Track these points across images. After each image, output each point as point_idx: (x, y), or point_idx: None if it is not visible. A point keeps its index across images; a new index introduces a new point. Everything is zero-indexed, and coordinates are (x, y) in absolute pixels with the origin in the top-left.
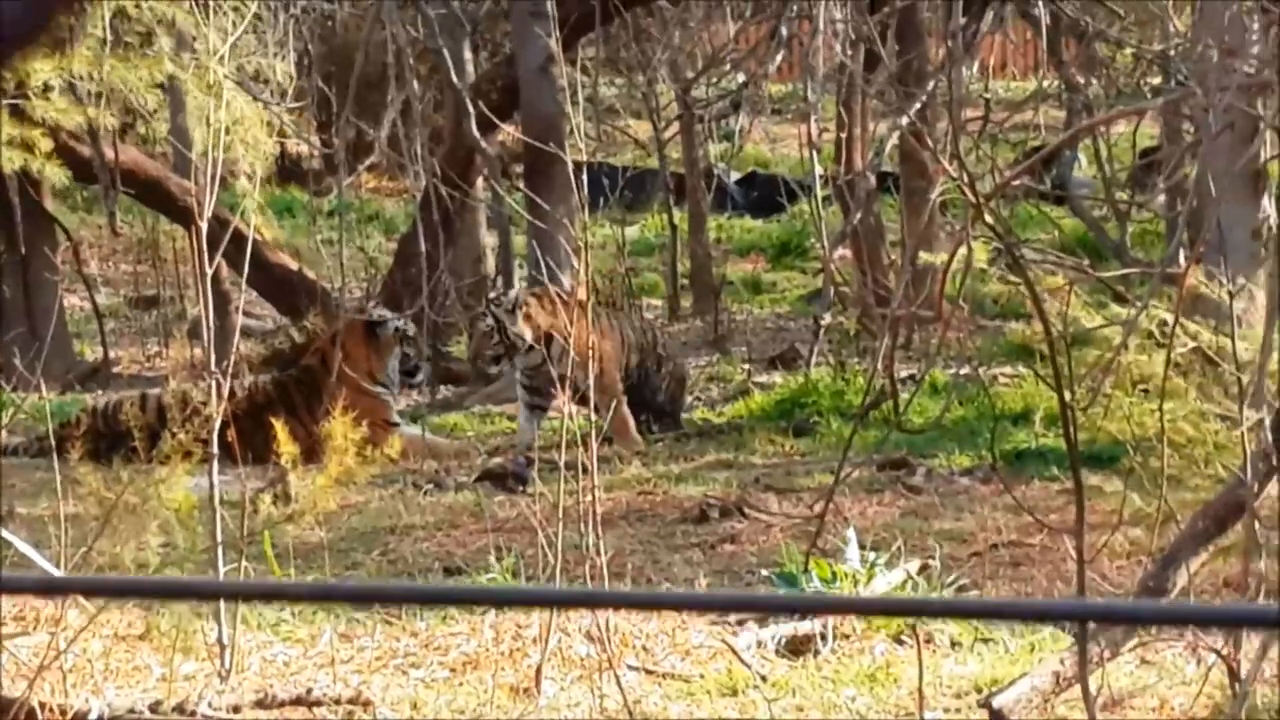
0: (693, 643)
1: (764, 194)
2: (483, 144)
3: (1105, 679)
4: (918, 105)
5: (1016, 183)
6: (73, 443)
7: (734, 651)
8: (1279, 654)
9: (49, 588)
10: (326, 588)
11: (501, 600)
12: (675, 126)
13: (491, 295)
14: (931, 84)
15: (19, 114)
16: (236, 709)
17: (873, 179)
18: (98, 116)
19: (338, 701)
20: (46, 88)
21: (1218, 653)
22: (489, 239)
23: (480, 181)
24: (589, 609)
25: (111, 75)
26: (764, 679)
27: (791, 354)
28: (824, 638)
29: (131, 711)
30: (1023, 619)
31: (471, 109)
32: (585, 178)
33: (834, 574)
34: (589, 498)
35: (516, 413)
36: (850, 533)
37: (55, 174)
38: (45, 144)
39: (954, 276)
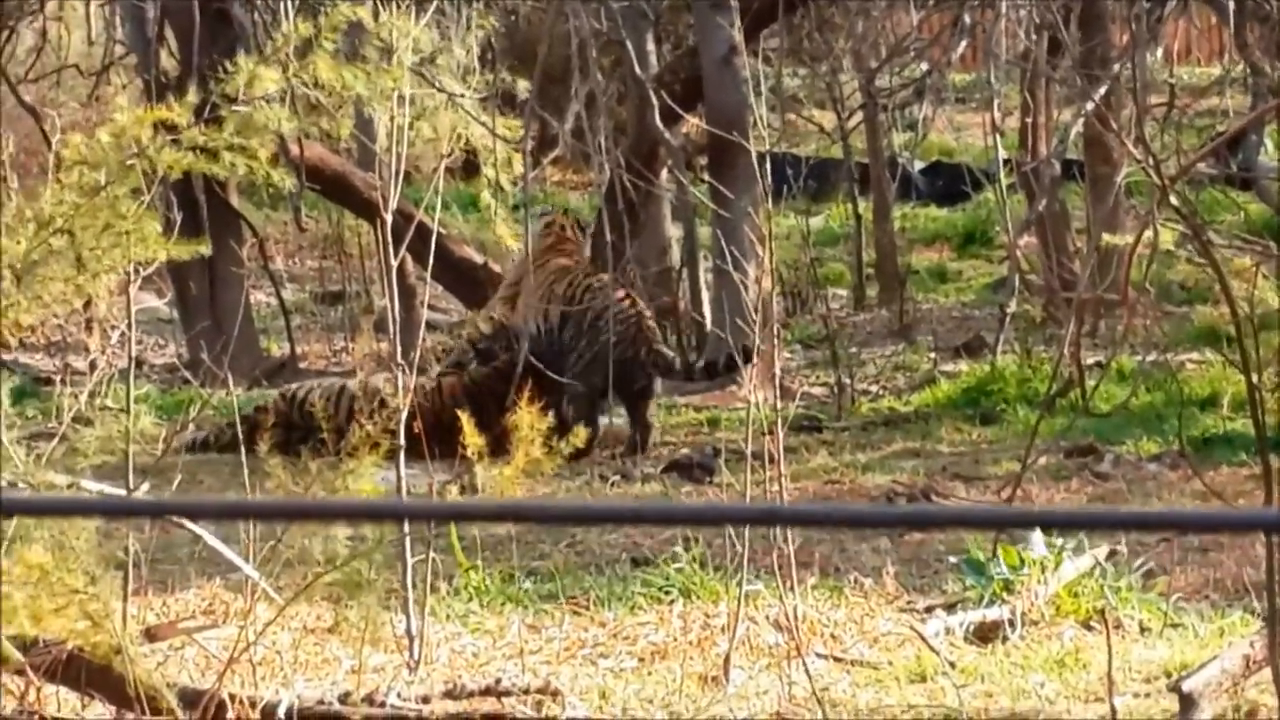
0: (880, 630)
1: (948, 183)
2: (666, 135)
3: None
4: (1102, 91)
5: (1201, 167)
6: (261, 431)
7: (922, 638)
8: None
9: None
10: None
11: (666, 518)
12: (859, 116)
13: None
14: (1115, 69)
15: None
16: (425, 699)
17: (1057, 166)
18: (332, 126)
19: (526, 692)
20: (267, 98)
21: None
22: (674, 230)
23: (664, 173)
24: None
25: (347, 88)
26: (953, 665)
27: (977, 342)
28: (1012, 624)
29: (321, 703)
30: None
31: (655, 101)
32: (769, 168)
33: (1021, 561)
34: (776, 487)
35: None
36: None
37: (284, 180)
38: (265, 151)
39: (1140, 261)
